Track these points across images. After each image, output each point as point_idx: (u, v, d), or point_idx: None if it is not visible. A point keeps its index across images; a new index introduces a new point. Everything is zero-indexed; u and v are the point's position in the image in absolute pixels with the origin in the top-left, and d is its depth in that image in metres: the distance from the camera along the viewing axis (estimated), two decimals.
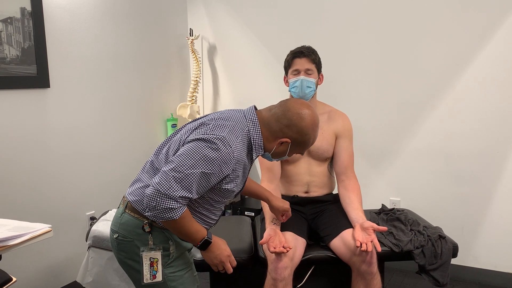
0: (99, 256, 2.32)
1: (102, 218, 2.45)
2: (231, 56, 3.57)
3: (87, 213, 2.88)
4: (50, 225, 1.70)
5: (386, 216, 2.36)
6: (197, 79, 3.47)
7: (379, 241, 1.94)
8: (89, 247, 2.38)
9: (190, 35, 3.52)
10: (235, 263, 1.58)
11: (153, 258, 1.49)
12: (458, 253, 2.15)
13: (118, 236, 1.54)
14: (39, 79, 2.54)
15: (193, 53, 3.47)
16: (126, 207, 1.54)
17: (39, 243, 1.69)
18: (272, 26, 3.35)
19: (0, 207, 2.38)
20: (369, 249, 1.82)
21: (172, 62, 3.57)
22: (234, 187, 1.51)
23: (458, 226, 2.86)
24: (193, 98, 3.50)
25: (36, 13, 2.49)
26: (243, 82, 3.56)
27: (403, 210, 2.42)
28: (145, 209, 1.46)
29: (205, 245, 1.50)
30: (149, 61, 3.32)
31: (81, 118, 2.81)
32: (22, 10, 2.44)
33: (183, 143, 1.46)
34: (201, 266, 2.04)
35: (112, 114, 3.03)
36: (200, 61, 3.55)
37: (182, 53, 3.66)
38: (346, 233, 1.98)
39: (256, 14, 3.41)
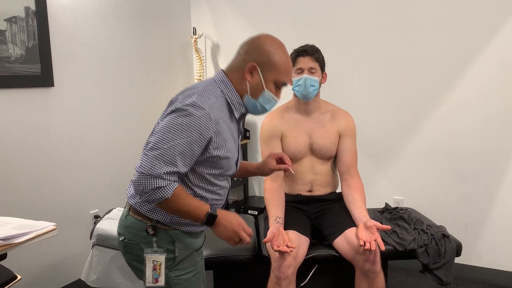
0: (103, 254, 2.33)
1: (106, 216, 2.45)
2: (234, 55, 3.57)
3: (91, 212, 2.89)
4: (54, 223, 1.71)
5: (389, 215, 2.36)
6: (201, 78, 3.47)
7: (382, 240, 1.94)
8: (93, 245, 2.39)
9: (194, 34, 3.52)
10: (251, 231, 1.45)
11: (157, 262, 1.44)
12: (462, 252, 2.14)
13: (124, 238, 1.50)
14: (43, 78, 2.55)
15: (196, 52, 3.47)
16: (129, 209, 1.50)
17: (43, 241, 1.69)
18: (276, 24, 3.34)
19: (5, 205, 2.39)
20: (373, 248, 1.82)
21: (175, 61, 3.57)
22: (226, 152, 1.43)
23: (462, 225, 2.86)
24: None
25: (40, 12, 2.50)
26: None
27: (406, 209, 2.42)
28: (136, 196, 1.42)
29: (210, 219, 1.38)
30: (152, 60, 3.33)
31: (85, 116, 2.82)
32: (27, 9, 2.45)
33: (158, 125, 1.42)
34: (205, 264, 2.05)
35: (116, 113, 3.04)
36: (203, 60, 3.55)
37: (185, 52, 3.66)
38: (350, 232, 1.98)
39: (259, 12, 3.40)
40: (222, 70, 1.51)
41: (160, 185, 1.31)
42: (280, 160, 1.68)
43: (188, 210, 1.37)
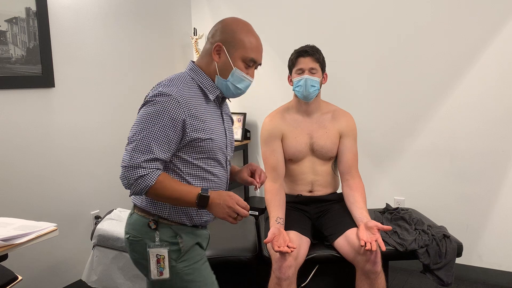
0: (104, 255, 2.33)
1: (107, 217, 2.45)
2: None
3: (92, 212, 2.89)
4: (55, 224, 1.71)
5: (390, 215, 2.35)
6: None
7: (383, 240, 1.94)
8: (94, 246, 2.39)
9: (194, 35, 3.53)
10: (246, 204, 1.42)
11: (160, 255, 1.46)
12: (463, 253, 2.14)
13: (129, 236, 1.52)
14: (44, 78, 2.55)
15: (197, 53, 3.47)
16: (134, 207, 1.54)
17: (44, 242, 1.70)
18: (276, 25, 3.34)
19: (6, 206, 2.39)
20: (373, 248, 1.82)
21: (176, 62, 3.57)
22: (207, 134, 1.44)
23: (463, 225, 2.86)
24: None
25: (41, 13, 2.50)
26: None
27: (407, 209, 2.42)
28: (130, 192, 1.43)
29: (203, 200, 1.38)
30: (153, 60, 3.33)
31: (85, 117, 2.82)
32: (27, 10, 2.45)
33: None
34: None
35: (117, 113, 3.04)
36: None
37: (186, 53, 3.66)
38: (350, 232, 1.98)
39: (259, 13, 3.41)
40: (192, 60, 1.56)
41: (141, 174, 1.36)
42: (252, 174, 1.65)
43: (178, 195, 1.39)
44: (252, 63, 1.50)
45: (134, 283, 2.26)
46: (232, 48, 1.46)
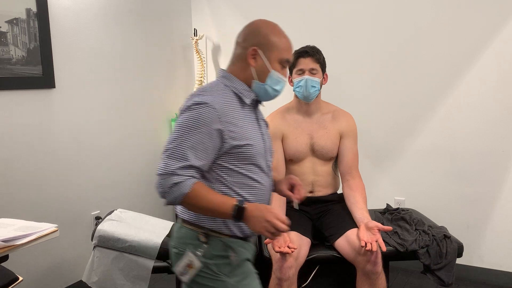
0: (104, 256, 2.33)
1: (107, 218, 2.45)
2: None
3: (93, 213, 2.89)
4: (56, 225, 1.71)
5: (391, 215, 2.35)
6: (202, 79, 3.48)
7: (384, 240, 1.94)
8: (94, 247, 2.39)
9: (195, 35, 3.53)
10: (285, 218, 1.35)
11: (191, 263, 1.41)
12: (463, 253, 2.14)
13: (177, 250, 1.46)
14: (44, 79, 2.55)
15: (197, 53, 3.47)
16: (182, 221, 1.49)
17: (45, 242, 1.70)
18: None
19: (7, 207, 2.40)
20: (374, 248, 1.82)
21: (176, 62, 3.57)
22: (246, 140, 1.41)
23: (463, 226, 2.86)
24: None
25: (42, 14, 2.51)
26: None
27: (408, 209, 2.42)
28: (165, 202, 1.38)
29: (239, 212, 1.33)
30: (153, 61, 3.33)
31: (86, 118, 2.83)
32: (28, 11, 2.45)
33: None
34: None
35: (117, 114, 3.04)
36: (204, 61, 3.55)
37: (186, 53, 3.66)
38: (351, 233, 1.98)
39: (260, 13, 3.39)
40: (222, 68, 1.53)
41: (176, 181, 1.31)
42: (292, 187, 1.62)
43: (214, 206, 1.35)
44: (286, 64, 1.50)
45: (134, 284, 2.26)
46: (268, 51, 1.45)
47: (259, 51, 1.44)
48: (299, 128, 2.18)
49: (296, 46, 2.17)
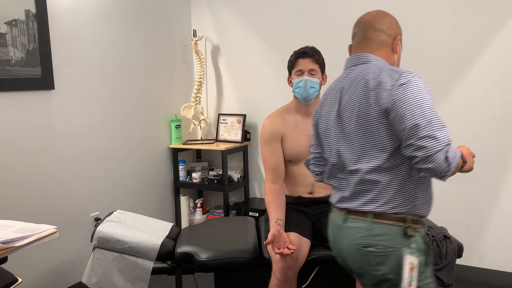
0: (104, 257, 2.33)
1: (107, 219, 2.45)
2: (234, 57, 3.58)
3: (92, 214, 2.89)
4: (55, 226, 1.71)
5: None
6: (201, 79, 3.48)
7: None
8: (94, 248, 2.38)
9: (194, 36, 3.53)
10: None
11: (412, 264, 1.33)
12: (463, 253, 2.14)
13: (376, 250, 1.36)
14: (43, 81, 2.55)
15: (196, 54, 3.47)
16: (372, 217, 1.38)
17: (44, 244, 1.69)
18: (276, 26, 3.34)
19: (6, 208, 2.39)
20: None
21: (175, 63, 3.57)
22: None
23: (463, 226, 2.85)
24: (197, 99, 3.51)
25: (41, 15, 2.51)
26: (246, 82, 3.56)
27: None
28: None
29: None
30: (153, 62, 3.33)
31: (85, 119, 2.82)
32: (27, 12, 2.45)
33: (391, 108, 1.32)
34: (205, 266, 2.05)
35: (116, 116, 3.04)
36: (203, 62, 3.55)
37: (185, 54, 3.66)
38: None
39: (259, 14, 3.41)
40: (367, 53, 1.52)
41: (455, 150, 1.31)
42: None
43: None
44: None
45: (134, 285, 2.26)
46: (401, 41, 1.57)
47: (400, 41, 1.55)
48: (299, 129, 2.18)
49: (296, 47, 2.18)
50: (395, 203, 1.37)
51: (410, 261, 1.33)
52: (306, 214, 2.18)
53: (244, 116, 3.50)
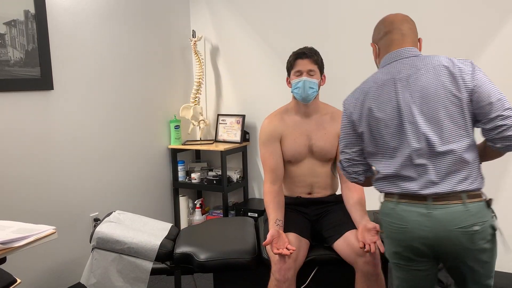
0: (103, 258, 2.33)
1: (106, 219, 2.45)
2: (233, 57, 3.58)
3: (91, 215, 2.89)
4: (54, 227, 1.71)
5: None
6: (200, 80, 3.48)
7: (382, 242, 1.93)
8: (93, 249, 2.38)
9: (193, 37, 3.53)
10: None
11: (499, 228, 1.60)
12: None
13: (479, 228, 1.50)
14: (42, 81, 2.55)
15: (195, 55, 3.47)
16: (466, 198, 1.48)
17: (43, 244, 1.70)
18: (275, 27, 3.35)
19: (5, 209, 2.39)
20: (373, 250, 1.82)
21: (175, 64, 3.57)
22: None
23: None
24: (196, 99, 3.51)
25: (40, 16, 2.51)
26: (245, 83, 3.56)
27: None
28: (467, 180, 1.47)
29: None
30: (152, 62, 3.33)
31: (84, 119, 2.82)
32: (26, 12, 2.45)
33: (468, 86, 1.52)
34: (204, 267, 2.05)
35: (116, 116, 3.04)
36: (203, 62, 3.55)
37: (185, 55, 3.67)
38: (350, 234, 1.98)
39: (259, 15, 3.41)
40: (412, 47, 1.67)
41: None
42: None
43: None
44: None
45: (133, 286, 2.26)
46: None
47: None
48: (298, 129, 2.18)
49: (295, 47, 2.18)
50: (479, 180, 1.51)
51: (498, 226, 1.57)
52: (305, 214, 2.18)
53: (243, 116, 3.50)
